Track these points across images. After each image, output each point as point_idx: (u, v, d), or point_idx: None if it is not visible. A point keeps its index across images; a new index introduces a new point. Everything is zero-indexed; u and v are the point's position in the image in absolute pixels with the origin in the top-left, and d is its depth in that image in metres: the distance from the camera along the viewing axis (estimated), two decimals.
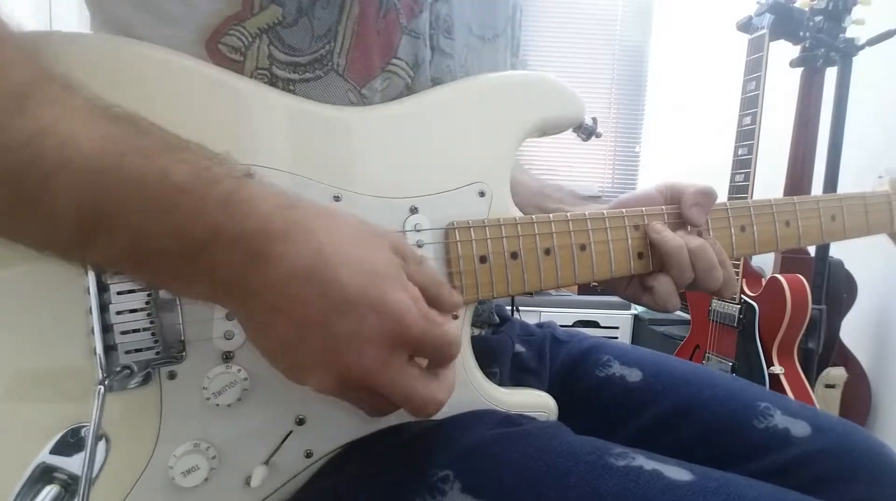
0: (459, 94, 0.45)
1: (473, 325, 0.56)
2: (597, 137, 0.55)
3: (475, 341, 0.55)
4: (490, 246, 0.42)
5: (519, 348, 0.59)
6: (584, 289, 2.07)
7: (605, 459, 0.35)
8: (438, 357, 0.33)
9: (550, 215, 0.44)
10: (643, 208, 0.48)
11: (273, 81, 0.40)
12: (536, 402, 0.46)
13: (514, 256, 0.43)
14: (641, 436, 0.50)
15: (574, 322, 2.01)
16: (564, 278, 0.45)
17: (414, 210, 0.42)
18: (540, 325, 0.65)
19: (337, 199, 0.40)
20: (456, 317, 0.43)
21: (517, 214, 0.44)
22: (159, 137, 0.28)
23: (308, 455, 0.40)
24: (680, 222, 0.49)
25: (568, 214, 0.45)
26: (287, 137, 0.39)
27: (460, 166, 0.43)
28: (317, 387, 0.31)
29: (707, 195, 0.49)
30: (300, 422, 0.39)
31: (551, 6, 2.50)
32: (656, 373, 0.54)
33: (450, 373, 0.35)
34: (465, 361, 0.44)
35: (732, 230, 0.51)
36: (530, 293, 0.45)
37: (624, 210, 0.48)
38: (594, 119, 0.54)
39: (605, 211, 0.47)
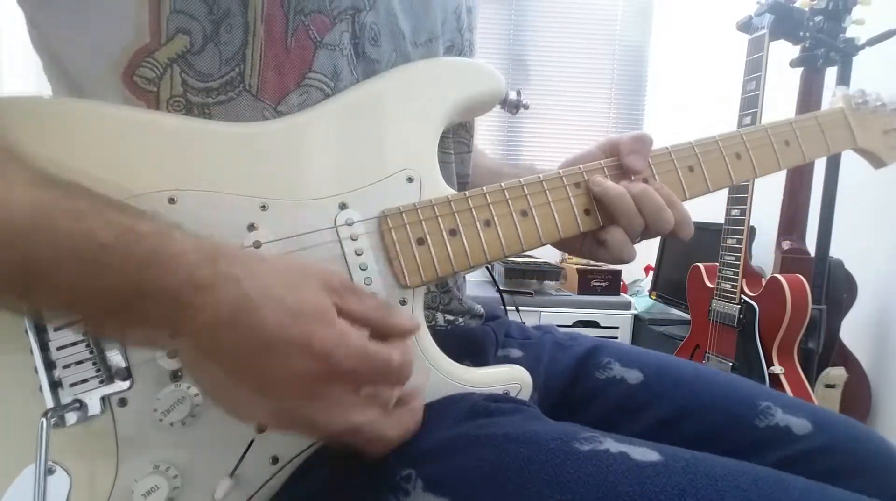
0: (374, 89, 0.45)
1: (445, 312, 0.56)
2: (525, 108, 0.55)
3: (452, 331, 0.55)
4: (426, 227, 0.42)
5: (517, 353, 0.59)
6: (585, 289, 2.07)
7: (571, 445, 0.35)
8: (386, 383, 0.34)
9: (484, 188, 0.44)
10: (580, 166, 0.48)
11: (188, 107, 0.41)
12: (507, 375, 0.46)
13: (452, 233, 0.43)
14: (642, 438, 0.50)
15: (574, 322, 2.00)
16: (510, 247, 0.44)
17: (343, 206, 0.42)
18: (538, 328, 0.65)
19: (264, 208, 0.40)
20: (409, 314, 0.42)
21: (450, 193, 0.44)
22: (88, 199, 0.30)
23: (274, 461, 0.39)
24: (622, 173, 0.49)
25: (503, 183, 0.45)
26: (203, 159, 0.40)
27: (384, 157, 0.43)
28: (256, 424, 0.33)
29: (641, 140, 0.49)
30: (261, 429, 0.39)
31: (551, 6, 2.50)
32: (657, 374, 0.54)
33: (405, 412, 0.35)
34: (424, 347, 0.43)
35: (679, 172, 0.50)
36: (484, 269, 0.44)
37: (560, 170, 0.47)
38: (518, 91, 0.54)
39: (540, 175, 0.47)
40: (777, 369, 1.25)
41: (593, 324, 2.02)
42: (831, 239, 1.30)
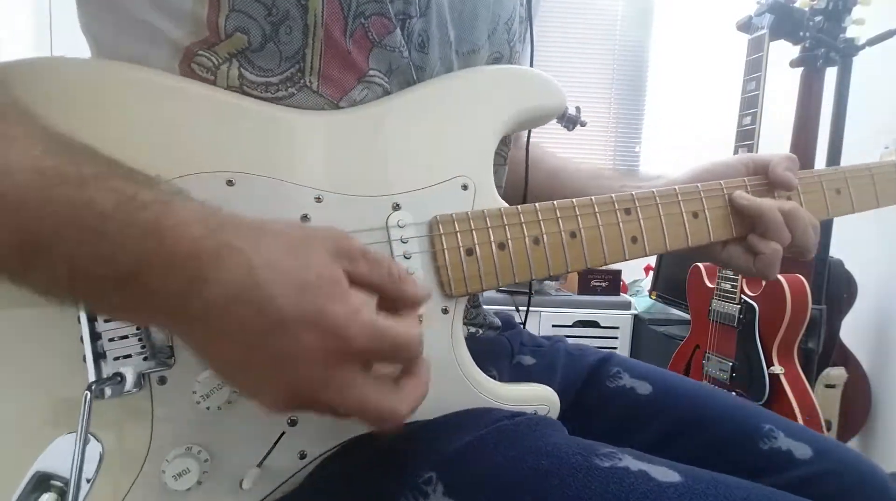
0: (438, 90, 0.45)
1: (469, 324, 0.56)
2: (581, 125, 0.55)
3: (470, 340, 0.55)
4: (476, 238, 0.42)
5: (529, 360, 0.59)
6: (585, 289, 2.07)
7: (591, 460, 0.35)
8: (397, 360, 0.33)
9: (536, 205, 0.44)
10: (721, 181, 0.50)
11: None
12: (537, 394, 0.46)
13: (501, 246, 0.43)
14: (648, 449, 0.50)
15: (574, 322, 2.00)
16: (556, 268, 0.44)
17: (396, 207, 0.42)
18: (548, 338, 0.66)
19: (319, 200, 0.40)
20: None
21: (503, 205, 0.44)
22: (93, 165, 0.29)
23: (302, 456, 0.39)
24: (767, 190, 0.51)
25: (555, 202, 0.45)
26: (264, 143, 0.39)
27: (441, 162, 0.43)
28: (268, 406, 0.31)
29: (794, 160, 0.52)
30: (293, 423, 0.39)
31: (551, 6, 2.50)
32: (665, 388, 0.55)
33: (413, 383, 0.34)
34: (460, 358, 0.43)
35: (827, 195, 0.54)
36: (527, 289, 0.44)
37: (674, 188, 0.48)
38: (577, 108, 0.54)
39: (593, 197, 0.46)
40: (777, 369, 1.25)
41: (593, 324, 2.02)
42: (831, 239, 1.30)
